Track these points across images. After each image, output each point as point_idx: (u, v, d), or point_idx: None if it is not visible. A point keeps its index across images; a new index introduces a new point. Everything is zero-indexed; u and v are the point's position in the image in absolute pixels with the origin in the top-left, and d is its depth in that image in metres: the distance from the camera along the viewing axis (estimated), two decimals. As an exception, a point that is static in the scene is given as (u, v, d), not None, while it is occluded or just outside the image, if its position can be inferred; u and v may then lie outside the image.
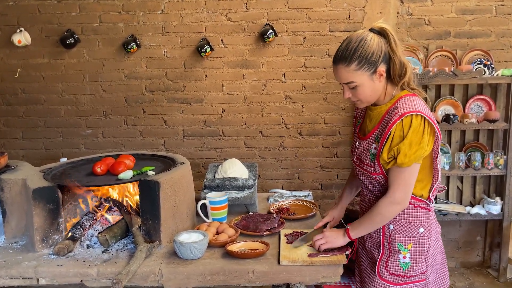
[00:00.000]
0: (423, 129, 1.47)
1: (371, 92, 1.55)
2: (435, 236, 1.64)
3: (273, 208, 2.22)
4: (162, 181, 1.80)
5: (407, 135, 1.46)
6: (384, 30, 1.51)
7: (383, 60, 1.50)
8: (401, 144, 1.47)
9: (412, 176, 1.51)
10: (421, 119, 1.46)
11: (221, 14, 3.20)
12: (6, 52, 3.27)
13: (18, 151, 3.41)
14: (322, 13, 3.19)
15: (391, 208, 1.53)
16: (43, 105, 3.35)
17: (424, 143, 1.47)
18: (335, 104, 3.30)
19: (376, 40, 1.50)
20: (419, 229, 1.60)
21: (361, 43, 1.49)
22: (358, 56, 1.48)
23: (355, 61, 1.49)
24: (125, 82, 3.30)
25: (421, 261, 1.60)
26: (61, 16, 3.22)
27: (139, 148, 3.38)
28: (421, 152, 1.47)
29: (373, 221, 1.58)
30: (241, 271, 1.62)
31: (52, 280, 1.66)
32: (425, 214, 1.60)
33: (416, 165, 1.51)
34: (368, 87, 1.53)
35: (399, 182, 1.51)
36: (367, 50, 1.48)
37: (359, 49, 1.48)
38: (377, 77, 1.52)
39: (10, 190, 1.91)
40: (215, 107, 3.33)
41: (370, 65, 1.49)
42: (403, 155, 1.46)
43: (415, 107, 1.47)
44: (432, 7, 3.18)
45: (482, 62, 3.12)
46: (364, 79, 1.51)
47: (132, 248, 1.82)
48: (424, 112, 1.47)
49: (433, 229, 1.62)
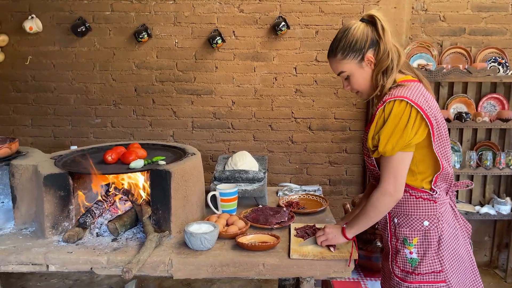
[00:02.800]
0: (408, 116, 1.40)
1: (364, 80, 1.53)
2: (450, 232, 1.51)
3: (282, 202, 2.21)
4: (174, 171, 1.79)
5: (387, 121, 1.41)
6: (373, 17, 1.49)
7: (370, 46, 1.48)
8: (381, 131, 1.42)
9: (401, 165, 1.44)
10: (405, 105, 1.40)
11: (234, 6, 3.18)
12: (17, 39, 3.27)
13: (27, 138, 3.42)
14: (336, 7, 3.16)
15: (383, 199, 1.46)
16: (53, 93, 3.35)
17: (408, 130, 1.39)
18: (346, 99, 3.27)
19: (362, 28, 1.49)
20: (423, 222, 1.51)
21: (345, 33, 1.50)
22: (342, 46, 1.50)
23: (340, 51, 1.50)
24: (135, 71, 3.29)
25: (430, 258, 1.49)
26: (73, 3, 3.21)
27: (147, 138, 3.38)
28: (405, 140, 1.39)
29: (367, 216, 1.52)
30: (252, 264, 1.61)
31: (62, 267, 1.66)
32: (429, 206, 1.50)
33: (404, 154, 1.43)
34: (359, 75, 1.52)
35: (388, 172, 1.45)
36: (350, 39, 1.49)
37: (343, 39, 1.50)
38: (366, 64, 1.50)
39: (20, 176, 1.91)
40: (224, 99, 3.31)
41: (356, 53, 1.49)
42: (383, 143, 1.41)
43: (401, 93, 1.42)
44: (447, 3, 3.14)
45: (496, 60, 3.08)
46: (352, 68, 1.51)
47: (141, 237, 1.81)
48: (410, 98, 1.40)
49: (444, 223, 1.50)
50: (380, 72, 1.50)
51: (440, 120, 1.47)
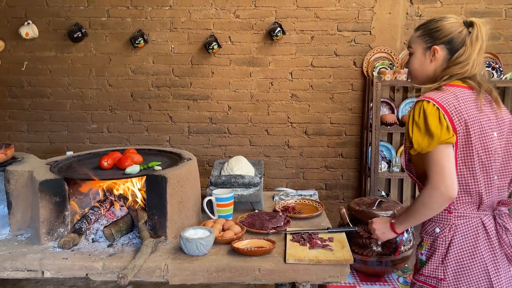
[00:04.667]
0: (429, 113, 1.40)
1: (418, 66, 1.54)
2: (465, 246, 1.46)
3: (279, 207, 2.21)
4: (169, 176, 1.80)
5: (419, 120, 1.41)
6: (473, 23, 1.47)
7: (445, 42, 1.47)
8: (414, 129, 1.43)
9: (444, 157, 1.38)
10: (428, 103, 1.40)
11: (229, 11, 3.19)
12: (13, 44, 3.27)
13: (23, 144, 3.41)
14: (331, 12, 3.18)
15: (430, 193, 1.40)
16: (49, 98, 3.35)
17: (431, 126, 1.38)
18: (341, 104, 3.29)
19: (454, 25, 1.48)
20: (435, 228, 1.51)
21: (437, 20, 1.51)
22: (426, 27, 1.52)
23: (421, 30, 1.53)
24: (132, 77, 3.30)
25: (434, 263, 1.48)
26: (69, 9, 3.22)
27: (144, 143, 3.38)
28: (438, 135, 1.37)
29: (416, 212, 1.48)
30: (247, 269, 1.61)
31: (57, 273, 1.66)
32: (442, 215, 1.49)
33: (443, 147, 1.38)
34: (417, 58, 1.54)
35: (432, 166, 1.40)
36: (435, 26, 1.50)
37: (431, 23, 1.51)
38: (429, 54, 1.50)
39: (16, 182, 1.91)
40: (221, 104, 3.32)
41: (429, 39, 1.50)
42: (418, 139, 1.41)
43: (432, 94, 1.43)
44: (441, 8, 3.17)
45: (490, 65, 3.10)
46: (418, 49, 1.53)
47: (137, 243, 1.81)
48: (436, 99, 1.40)
49: (458, 235, 1.46)
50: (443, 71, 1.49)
51: (478, 130, 1.42)
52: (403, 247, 2.00)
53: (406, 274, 2.15)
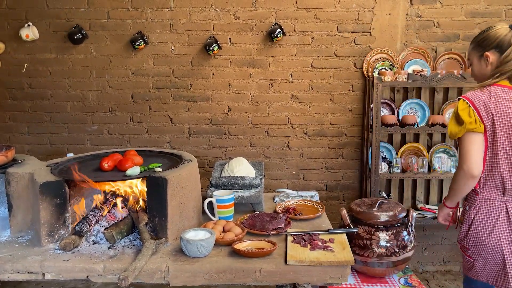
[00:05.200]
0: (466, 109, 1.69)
1: (477, 72, 1.82)
2: (484, 224, 1.73)
3: (279, 208, 2.22)
4: (170, 178, 1.80)
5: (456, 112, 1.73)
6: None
7: (495, 47, 1.73)
8: (451, 120, 1.75)
9: (469, 142, 1.68)
10: (463, 102, 1.71)
11: (230, 13, 3.20)
12: (13, 47, 3.27)
13: (23, 146, 3.41)
14: (331, 14, 3.18)
15: (457, 172, 1.73)
16: (49, 100, 3.35)
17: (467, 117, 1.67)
18: (341, 105, 3.29)
19: (499, 31, 1.73)
20: (466, 207, 1.81)
21: (485, 31, 1.79)
22: (476, 40, 1.81)
23: (473, 43, 1.82)
24: (132, 78, 3.30)
25: (463, 232, 1.80)
26: (69, 11, 3.22)
27: (144, 145, 3.38)
28: (466, 124, 1.66)
29: (452, 189, 1.79)
30: (248, 270, 1.61)
31: (58, 275, 1.66)
32: (472, 194, 1.78)
33: (471, 134, 1.67)
34: (476, 65, 1.82)
35: (460, 149, 1.72)
36: (482, 37, 1.78)
37: (480, 35, 1.80)
38: (484, 60, 1.77)
39: (17, 184, 1.91)
40: (221, 105, 3.32)
41: (480, 48, 1.78)
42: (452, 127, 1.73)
43: (468, 93, 1.74)
44: (441, 9, 3.17)
45: (491, 65, 3.10)
46: (474, 59, 1.81)
47: (138, 244, 1.81)
48: (469, 98, 1.71)
49: (481, 214, 1.73)
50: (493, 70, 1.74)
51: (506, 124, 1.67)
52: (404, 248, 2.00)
53: (407, 275, 2.15)
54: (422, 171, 3.10)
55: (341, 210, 2.12)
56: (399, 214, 2.03)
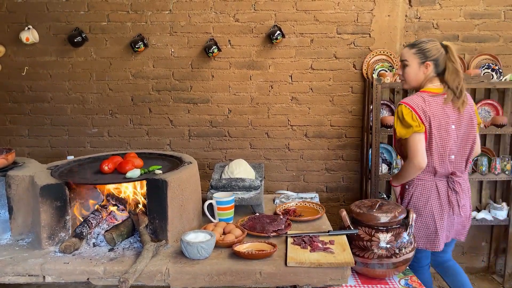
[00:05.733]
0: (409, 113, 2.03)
1: (414, 76, 2.13)
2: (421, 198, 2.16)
3: (279, 210, 2.22)
4: (170, 180, 1.80)
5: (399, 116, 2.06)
6: (447, 47, 2.10)
7: (433, 60, 2.08)
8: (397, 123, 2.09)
9: (417, 142, 2.03)
10: (405, 107, 2.05)
11: (229, 15, 3.20)
12: (13, 50, 3.28)
13: (23, 149, 3.42)
14: (330, 15, 3.19)
15: (408, 164, 2.08)
16: (49, 103, 3.36)
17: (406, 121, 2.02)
18: (341, 106, 3.29)
19: (438, 47, 2.09)
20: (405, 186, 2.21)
21: (427, 42, 2.11)
22: (420, 47, 2.10)
23: (416, 49, 2.11)
24: (132, 81, 3.31)
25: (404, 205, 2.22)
26: (69, 14, 3.23)
27: (144, 147, 3.38)
28: (407, 126, 2.03)
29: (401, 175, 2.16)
30: (248, 272, 1.61)
31: (59, 277, 1.66)
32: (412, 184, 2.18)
33: (416, 135, 2.03)
34: (414, 69, 2.12)
35: (409, 147, 2.06)
36: (427, 47, 2.09)
37: (424, 44, 2.10)
38: (423, 68, 2.10)
39: (17, 187, 1.91)
40: (221, 107, 3.32)
41: (423, 56, 2.09)
42: (400, 130, 2.07)
43: (406, 99, 2.09)
44: (440, 10, 3.18)
45: (490, 66, 3.11)
46: (414, 63, 2.11)
47: (138, 247, 1.81)
48: (408, 103, 2.06)
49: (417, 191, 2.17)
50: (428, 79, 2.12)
51: (438, 124, 2.04)
52: (404, 249, 2.00)
53: (408, 276, 2.15)
54: (422, 172, 3.10)
55: (341, 211, 2.12)
56: (399, 215, 2.03)
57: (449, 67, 2.07)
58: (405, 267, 2.09)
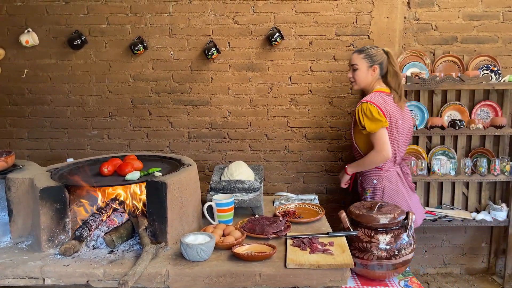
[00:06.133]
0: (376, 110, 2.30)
1: (363, 78, 2.46)
2: (391, 187, 2.44)
3: (279, 211, 2.22)
4: (169, 182, 1.80)
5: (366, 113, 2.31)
6: (388, 52, 2.49)
7: (378, 64, 2.44)
8: (365, 119, 2.31)
9: (384, 136, 2.32)
10: (372, 106, 2.31)
11: (228, 17, 3.21)
12: (13, 53, 3.29)
13: (23, 151, 3.42)
14: (329, 17, 3.20)
15: (376, 155, 2.34)
16: (49, 105, 3.36)
17: (378, 117, 2.29)
18: (340, 108, 3.29)
19: (381, 52, 2.47)
20: (373, 181, 2.47)
21: (373, 48, 2.48)
22: (367, 52, 2.45)
23: (364, 54, 2.44)
24: (132, 83, 3.31)
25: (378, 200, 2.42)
26: (69, 17, 3.24)
27: (144, 149, 3.39)
28: (376, 121, 2.29)
29: (364, 164, 2.42)
30: (248, 274, 1.62)
31: (58, 280, 1.66)
32: (377, 171, 2.45)
33: (383, 129, 2.32)
34: (363, 72, 2.44)
35: (378, 140, 2.33)
36: (374, 52, 2.45)
37: (370, 49, 2.47)
38: (371, 71, 2.44)
39: (17, 189, 1.92)
40: (220, 109, 3.33)
41: (370, 60, 2.43)
42: (369, 125, 2.31)
43: (369, 98, 2.36)
44: (439, 12, 3.18)
45: (489, 68, 3.11)
46: (363, 67, 2.44)
47: (138, 249, 1.81)
48: (372, 101, 2.33)
49: (387, 182, 2.44)
50: (375, 81, 2.47)
51: (394, 119, 2.37)
52: (404, 250, 2.00)
53: (407, 277, 2.15)
54: (422, 173, 3.10)
55: (340, 213, 2.12)
56: (399, 217, 2.04)
57: (390, 70, 2.44)
58: (405, 268, 2.09)
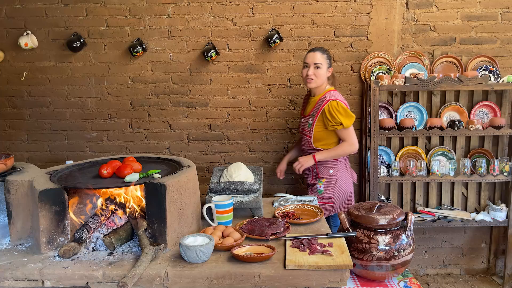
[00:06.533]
0: (343, 107, 2.56)
1: (323, 76, 2.65)
2: (342, 177, 2.69)
3: (278, 213, 2.22)
4: (168, 184, 1.80)
5: (340, 110, 2.54)
6: None
7: (331, 66, 2.71)
8: (339, 116, 2.53)
9: (353, 131, 2.62)
10: (342, 104, 2.56)
11: (227, 19, 3.22)
12: (12, 55, 3.29)
13: (23, 154, 3.42)
14: (328, 19, 3.20)
15: (348, 147, 2.61)
16: (48, 108, 3.36)
17: (349, 113, 2.56)
18: (340, 109, 3.30)
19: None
20: (329, 170, 2.68)
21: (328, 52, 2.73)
22: (328, 53, 2.70)
23: (327, 55, 2.68)
24: (131, 85, 3.31)
25: (329, 191, 2.68)
26: (68, 19, 3.24)
27: (143, 151, 3.39)
28: (350, 117, 2.56)
29: (333, 153, 2.62)
30: (247, 275, 1.61)
31: (58, 282, 1.66)
32: (333, 162, 2.68)
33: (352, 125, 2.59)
34: (324, 71, 2.65)
35: (350, 134, 2.60)
36: (330, 55, 2.73)
37: (328, 52, 2.72)
38: (328, 71, 2.69)
39: (16, 191, 1.92)
40: (220, 111, 3.33)
41: (330, 61, 2.69)
42: (345, 121, 2.54)
43: (336, 96, 2.61)
44: (437, 13, 3.19)
45: (487, 68, 3.12)
46: (324, 66, 2.64)
47: (137, 251, 1.81)
48: (339, 99, 2.60)
49: (339, 172, 2.69)
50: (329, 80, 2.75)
51: None
52: (403, 251, 2.00)
53: (407, 278, 2.15)
54: (421, 174, 3.11)
55: (339, 214, 2.12)
56: (398, 218, 2.04)
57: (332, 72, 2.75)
58: (404, 269, 2.09)
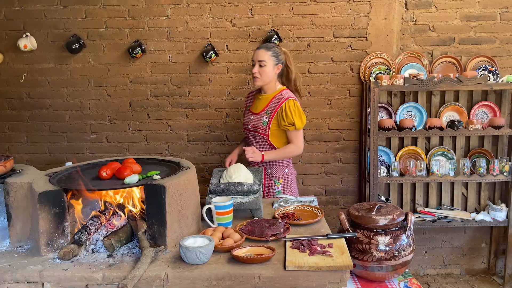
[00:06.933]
0: (299, 107, 2.51)
1: (269, 74, 2.52)
2: (293, 174, 2.73)
3: (278, 213, 2.22)
4: (168, 185, 1.80)
5: (295, 110, 2.48)
6: (285, 53, 2.60)
7: (282, 63, 2.56)
8: (294, 116, 2.47)
9: (302, 133, 2.58)
10: (296, 101, 2.51)
11: (226, 20, 3.22)
12: (12, 57, 3.29)
13: (22, 155, 3.42)
14: (327, 19, 3.21)
15: (296, 149, 2.56)
16: (48, 109, 3.36)
17: (302, 114, 2.51)
18: (339, 109, 3.30)
19: (283, 52, 2.58)
20: (284, 170, 2.65)
21: (277, 47, 2.57)
22: (274, 51, 2.53)
23: (271, 52, 2.52)
24: (130, 87, 3.31)
25: (288, 190, 2.66)
26: (67, 21, 3.24)
27: (143, 153, 3.39)
28: (302, 118, 2.51)
29: (282, 154, 2.56)
30: (247, 276, 1.61)
31: (57, 284, 1.65)
32: (288, 162, 2.67)
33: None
34: (270, 69, 2.52)
35: (299, 136, 2.56)
36: (279, 51, 2.56)
37: (276, 48, 2.55)
38: (276, 68, 2.54)
39: (15, 194, 1.91)
40: (219, 112, 3.33)
41: (276, 59, 2.53)
42: (298, 122, 2.48)
43: (292, 95, 2.54)
44: (436, 13, 3.19)
45: (486, 68, 3.12)
46: (270, 63, 2.51)
47: (137, 252, 1.81)
48: (297, 100, 2.54)
49: (292, 170, 2.72)
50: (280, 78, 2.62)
51: None
52: (403, 252, 2.00)
53: (407, 278, 2.15)
54: (421, 174, 3.10)
55: (339, 214, 2.12)
56: (398, 218, 2.03)
57: (290, 70, 2.59)
58: (405, 269, 2.09)
